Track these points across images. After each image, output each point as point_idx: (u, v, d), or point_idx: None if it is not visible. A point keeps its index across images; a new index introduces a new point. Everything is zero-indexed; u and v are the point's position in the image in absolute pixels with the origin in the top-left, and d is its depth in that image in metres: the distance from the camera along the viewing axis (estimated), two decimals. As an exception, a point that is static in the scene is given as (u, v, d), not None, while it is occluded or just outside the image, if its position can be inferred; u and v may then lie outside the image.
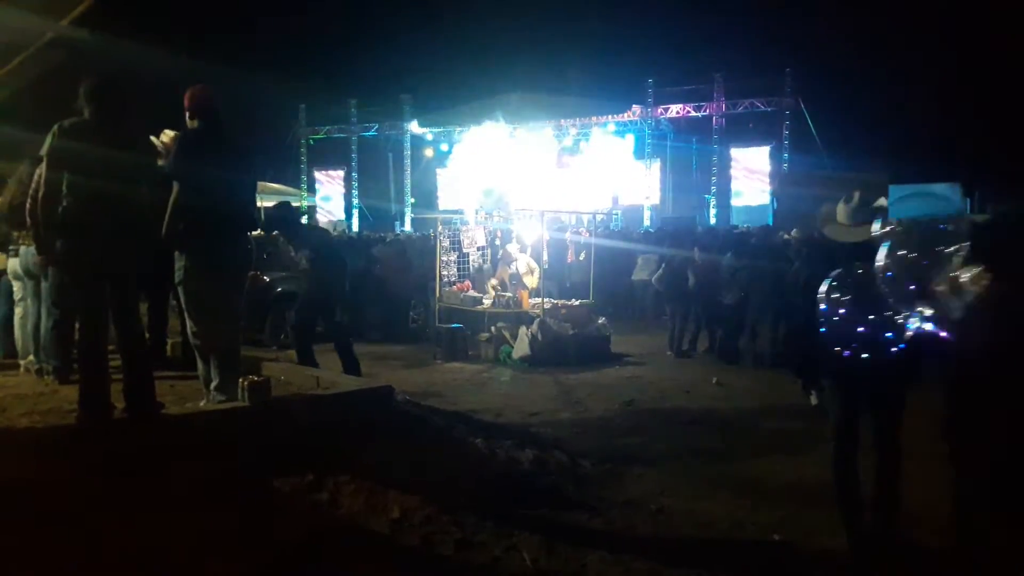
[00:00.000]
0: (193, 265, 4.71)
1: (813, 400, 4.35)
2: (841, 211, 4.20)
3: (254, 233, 5.66)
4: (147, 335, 5.31)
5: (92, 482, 3.59)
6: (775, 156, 26.57)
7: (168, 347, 6.55)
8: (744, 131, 28.08)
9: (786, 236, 10.78)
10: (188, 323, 4.93)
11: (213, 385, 4.79)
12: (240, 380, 4.71)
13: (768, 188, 26.44)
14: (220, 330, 4.84)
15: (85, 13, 5.47)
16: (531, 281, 11.58)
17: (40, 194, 4.27)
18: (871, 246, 4.05)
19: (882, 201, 4.23)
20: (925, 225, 4.48)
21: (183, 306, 4.88)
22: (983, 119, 28.36)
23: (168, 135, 5.68)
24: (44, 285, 5.80)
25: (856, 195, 4.20)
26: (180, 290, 4.81)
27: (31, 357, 5.99)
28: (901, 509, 4.16)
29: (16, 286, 6.23)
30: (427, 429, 5.68)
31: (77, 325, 4.51)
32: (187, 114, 4.86)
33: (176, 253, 4.74)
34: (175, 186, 4.66)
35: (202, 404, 4.80)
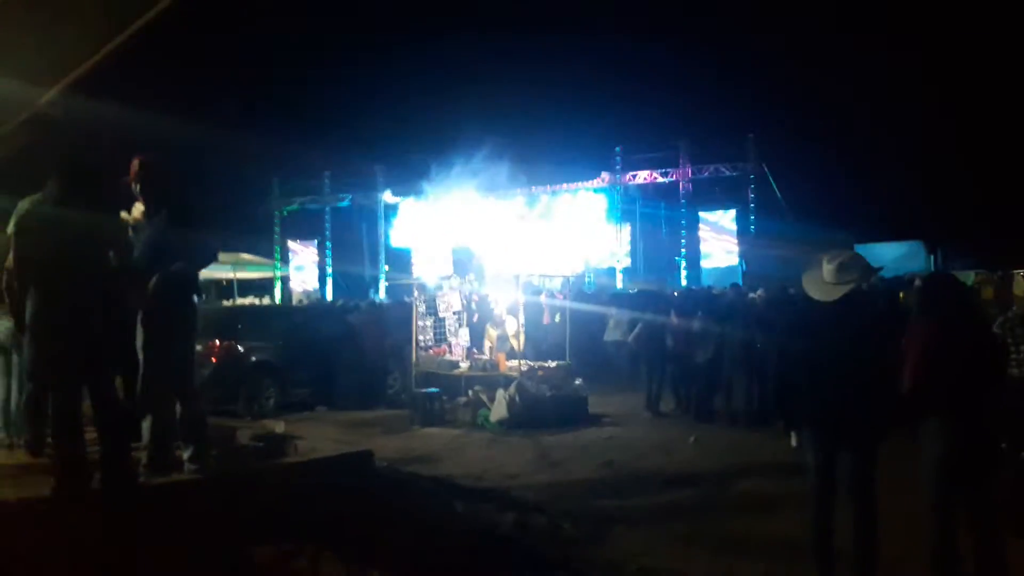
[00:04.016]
0: (171, 328, 4.74)
1: (793, 442, 4.43)
2: (826, 269, 4.31)
3: None
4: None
5: (68, 554, 3.53)
6: (742, 219, 27.12)
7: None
8: (711, 195, 28.69)
9: (752, 296, 11.00)
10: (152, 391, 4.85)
11: (187, 456, 4.75)
12: (214, 449, 4.69)
13: (736, 250, 26.91)
14: (187, 394, 4.86)
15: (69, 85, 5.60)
16: (517, 344, 11.64)
17: (13, 269, 4.30)
18: (846, 303, 4.20)
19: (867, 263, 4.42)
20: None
21: (152, 373, 4.82)
22: (944, 180, 29.40)
23: (139, 210, 5.74)
24: (14, 359, 5.76)
25: (845, 254, 4.34)
26: (149, 352, 4.78)
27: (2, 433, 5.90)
28: (879, 561, 4.19)
29: None
30: (407, 494, 5.65)
31: (51, 397, 4.48)
32: (139, 185, 4.90)
33: (147, 319, 4.74)
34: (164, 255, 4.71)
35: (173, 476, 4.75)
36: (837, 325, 4.21)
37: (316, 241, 35.48)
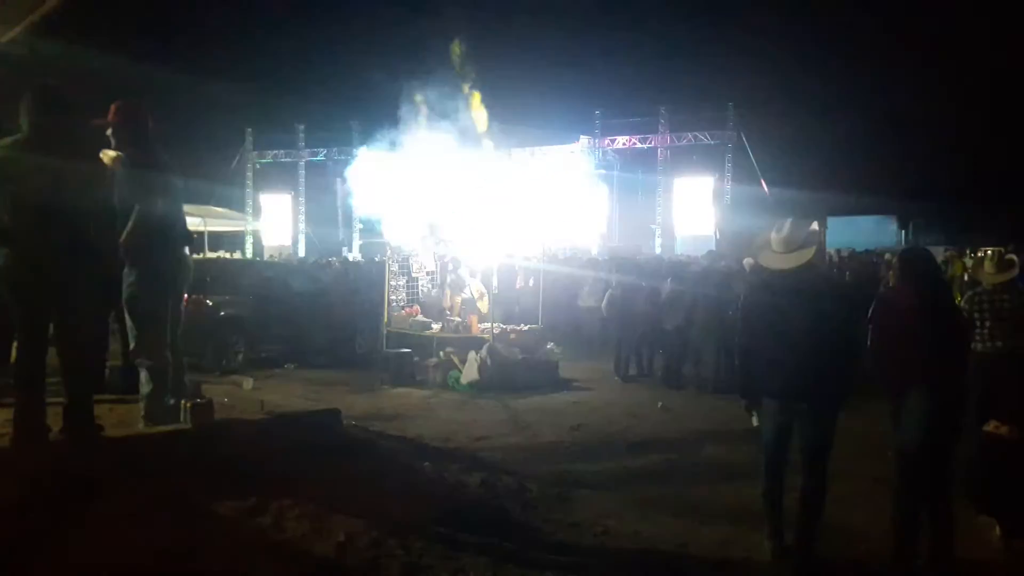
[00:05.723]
0: (148, 279, 4.66)
1: (755, 421, 4.48)
2: (774, 239, 4.36)
3: None
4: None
5: (26, 504, 3.48)
6: (718, 187, 27.19)
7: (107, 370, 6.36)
8: (688, 163, 28.68)
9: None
10: (140, 340, 4.77)
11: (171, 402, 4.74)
12: (183, 402, 4.65)
13: (712, 218, 27.02)
14: (165, 346, 4.80)
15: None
16: (483, 306, 11.61)
17: None
18: (805, 270, 4.25)
19: (814, 225, 4.45)
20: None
21: (135, 323, 4.75)
22: (918, 156, 29.67)
23: (108, 155, 5.57)
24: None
25: (787, 223, 4.37)
26: (134, 304, 4.70)
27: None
28: (819, 525, 4.28)
29: None
30: (374, 453, 5.64)
31: (15, 345, 4.39)
32: (119, 129, 4.76)
33: (129, 268, 4.65)
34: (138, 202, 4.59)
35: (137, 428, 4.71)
36: (799, 294, 4.25)
37: (289, 196, 35.02)
